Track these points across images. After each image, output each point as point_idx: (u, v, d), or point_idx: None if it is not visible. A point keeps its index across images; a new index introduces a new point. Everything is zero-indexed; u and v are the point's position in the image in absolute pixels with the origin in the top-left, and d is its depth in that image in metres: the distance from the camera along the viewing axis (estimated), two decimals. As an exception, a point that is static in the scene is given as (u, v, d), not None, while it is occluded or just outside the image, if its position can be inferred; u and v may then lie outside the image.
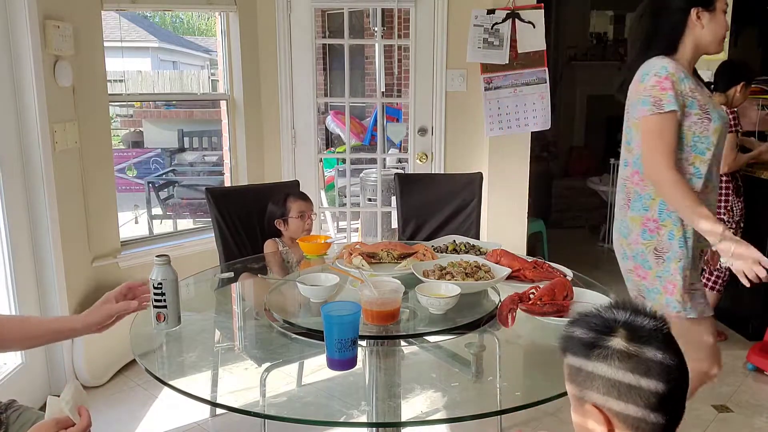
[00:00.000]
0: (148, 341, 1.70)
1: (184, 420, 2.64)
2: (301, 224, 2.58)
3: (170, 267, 1.56)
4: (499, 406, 1.42)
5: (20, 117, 2.56)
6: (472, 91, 3.63)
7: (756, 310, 3.38)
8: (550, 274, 1.92)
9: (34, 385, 2.70)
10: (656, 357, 0.93)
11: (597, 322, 0.99)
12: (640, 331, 0.96)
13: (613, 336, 0.96)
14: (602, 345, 0.96)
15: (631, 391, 0.93)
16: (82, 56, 2.97)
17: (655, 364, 0.93)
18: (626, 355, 0.94)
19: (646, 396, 0.93)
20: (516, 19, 3.45)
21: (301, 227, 2.58)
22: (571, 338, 1.01)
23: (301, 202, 2.63)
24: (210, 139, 8.23)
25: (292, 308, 1.92)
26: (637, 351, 0.94)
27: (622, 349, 0.94)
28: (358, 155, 5.85)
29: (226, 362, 1.63)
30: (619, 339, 0.95)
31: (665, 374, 0.93)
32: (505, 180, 3.66)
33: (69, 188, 2.89)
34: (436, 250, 2.19)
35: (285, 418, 1.34)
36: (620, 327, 0.97)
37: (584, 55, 7.07)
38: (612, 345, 0.95)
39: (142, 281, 1.63)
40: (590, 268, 4.68)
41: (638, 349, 0.94)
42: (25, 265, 2.64)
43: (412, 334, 1.67)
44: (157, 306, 1.56)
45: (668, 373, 0.93)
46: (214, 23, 3.91)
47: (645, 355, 0.93)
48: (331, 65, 8.12)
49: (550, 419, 2.63)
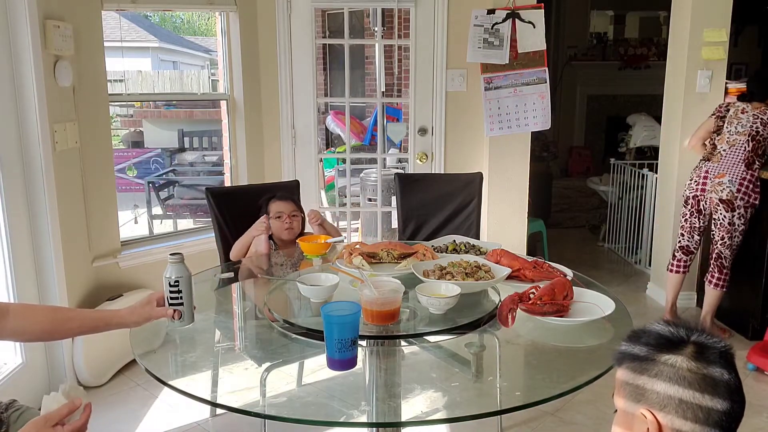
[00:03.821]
0: (148, 341, 1.70)
1: (184, 420, 2.64)
2: (280, 225, 2.55)
3: (184, 264, 1.55)
4: (499, 406, 1.42)
5: (20, 117, 2.56)
6: (472, 91, 3.63)
7: (756, 310, 3.38)
8: (550, 274, 1.91)
9: (34, 384, 2.70)
10: (723, 376, 0.95)
11: (664, 338, 1.00)
12: (709, 350, 0.96)
13: (679, 353, 0.97)
14: (666, 361, 0.97)
15: (693, 406, 0.94)
16: (82, 56, 2.97)
17: (722, 383, 0.95)
18: (694, 372, 0.95)
19: (707, 411, 0.94)
20: (516, 19, 3.45)
21: (280, 228, 2.55)
22: (630, 352, 1.01)
23: (279, 203, 2.59)
24: (210, 139, 8.23)
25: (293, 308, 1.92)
26: (706, 368, 0.95)
27: (690, 366, 0.95)
28: (358, 155, 5.85)
29: (226, 362, 1.63)
30: (685, 357, 0.96)
31: (728, 393, 0.95)
32: (505, 180, 3.66)
33: (69, 188, 2.89)
34: (436, 250, 2.19)
35: (285, 418, 1.34)
36: (689, 344, 0.98)
37: (584, 55, 7.07)
38: (678, 362, 0.96)
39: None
40: (590, 268, 4.68)
41: (706, 367, 0.95)
42: (26, 265, 2.64)
43: (412, 334, 1.68)
44: (173, 303, 1.55)
45: (731, 392, 0.95)
46: (214, 23, 3.91)
47: (712, 374, 0.95)
48: (331, 65, 8.12)
49: (550, 419, 2.63)
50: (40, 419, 1.21)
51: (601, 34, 7.21)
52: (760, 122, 3.27)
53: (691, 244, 3.50)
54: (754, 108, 3.31)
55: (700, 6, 3.61)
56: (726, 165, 3.31)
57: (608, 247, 5.41)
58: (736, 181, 3.26)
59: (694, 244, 3.49)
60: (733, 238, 3.31)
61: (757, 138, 3.26)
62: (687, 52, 3.65)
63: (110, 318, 1.58)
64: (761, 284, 3.32)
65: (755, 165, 3.26)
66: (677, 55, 3.78)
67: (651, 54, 6.94)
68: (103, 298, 3.09)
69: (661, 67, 4.09)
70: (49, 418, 1.20)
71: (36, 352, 2.70)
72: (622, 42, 7.09)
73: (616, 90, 7.06)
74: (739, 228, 3.29)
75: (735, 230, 3.30)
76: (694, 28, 3.63)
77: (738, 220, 3.28)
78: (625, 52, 6.98)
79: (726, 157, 3.32)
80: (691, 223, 3.46)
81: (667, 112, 3.96)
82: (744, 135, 3.28)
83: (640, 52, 6.97)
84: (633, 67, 6.97)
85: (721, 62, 3.67)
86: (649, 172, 4.65)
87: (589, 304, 1.74)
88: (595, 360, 1.58)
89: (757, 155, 3.27)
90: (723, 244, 3.33)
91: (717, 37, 3.64)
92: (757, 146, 3.26)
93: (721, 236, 3.33)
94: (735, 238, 3.31)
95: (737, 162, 3.28)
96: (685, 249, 3.52)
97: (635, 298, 4.07)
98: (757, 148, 3.26)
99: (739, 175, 3.26)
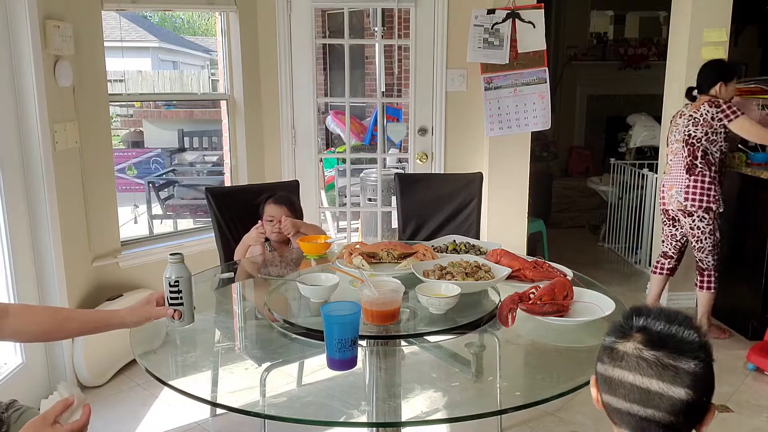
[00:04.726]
0: (148, 341, 1.70)
1: (184, 420, 2.64)
2: (270, 229, 2.52)
3: (184, 265, 1.55)
4: (499, 406, 1.42)
5: (20, 117, 2.56)
6: (472, 91, 3.63)
7: (756, 310, 3.38)
8: (550, 274, 1.91)
9: (34, 384, 2.70)
10: (662, 361, 0.95)
11: (616, 328, 1.02)
12: (655, 335, 0.97)
13: (628, 340, 0.98)
14: (617, 348, 0.99)
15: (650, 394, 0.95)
16: (82, 56, 2.97)
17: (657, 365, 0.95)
18: (634, 357, 0.97)
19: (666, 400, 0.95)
20: (516, 19, 3.45)
21: (271, 232, 2.52)
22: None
23: (272, 206, 2.57)
24: (210, 139, 8.23)
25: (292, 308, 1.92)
26: (643, 354, 0.96)
27: (631, 352, 0.97)
28: (358, 155, 5.85)
29: (226, 362, 1.63)
30: (633, 342, 0.98)
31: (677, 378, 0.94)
32: (505, 180, 3.66)
33: (69, 188, 2.89)
34: (436, 250, 2.19)
35: (285, 418, 1.34)
36: (636, 332, 0.99)
37: (584, 55, 7.07)
38: (625, 349, 0.98)
39: None
40: (590, 268, 4.68)
41: (645, 353, 0.96)
42: (26, 265, 2.64)
43: (412, 334, 1.68)
44: (173, 303, 1.55)
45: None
46: (214, 23, 3.91)
47: (649, 359, 0.95)
48: (331, 65, 8.11)
49: (550, 419, 2.63)
50: (38, 419, 1.22)
51: (601, 34, 7.21)
52: (692, 123, 3.27)
53: (669, 250, 3.53)
54: (692, 108, 3.32)
55: (700, 6, 3.61)
56: (672, 176, 3.37)
57: (608, 247, 5.41)
58: (681, 191, 3.31)
59: (673, 250, 3.52)
60: (703, 241, 3.33)
61: (690, 142, 3.27)
62: (687, 52, 3.65)
63: (110, 318, 1.58)
64: (761, 284, 3.32)
65: (697, 169, 3.25)
66: (677, 55, 3.78)
67: (651, 54, 6.94)
68: (103, 298, 3.09)
69: (661, 67, 4.09)
70: (47, 417, 1.21)
71: (36, 352, 2.70)
72: (622, 42, 7.09)
73: (616, 90, 7.06)
74: (705, 230, 3.30)
75: (702, 233, 3.31)
76: (694, 28, 3.63)
77: (701, 223, 3.29)
78: (625, 52, 6.98)
79: (672, 168, 3.38)
80: (668, 231, 3.52)
81: (667, 112, 3.96)
82: (680, 142, 3.33)
83: (640, 52, 6.96)
84: (633, 67, 6.97)
85: (721, 62, 3.67)
86: (649, 172, 4.65)
87: (589, 304, 1.74)
88: (595, 360, 1.58)
89: (695, 158, 3.26)
90: (695, 248, 3.38)
91: (717, 37, 3.64)
92: (692, 150, 3.26)
93: (692, 242, 3.38)
94: (706, 241, 3.33)
95: (679, 171, 3.33)
96: (664, 253, 3.57)
97: (635, 298, 4.07)
98: (694, 151, 3.26)
99: (682, 185, 3.31)
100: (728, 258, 3.53)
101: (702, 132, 3.24)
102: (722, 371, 3.10)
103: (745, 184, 3.48)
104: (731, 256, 3.56)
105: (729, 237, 3.54)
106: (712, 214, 3.28)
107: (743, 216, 3.50)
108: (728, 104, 3.20)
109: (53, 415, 1.22)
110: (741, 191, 3.52)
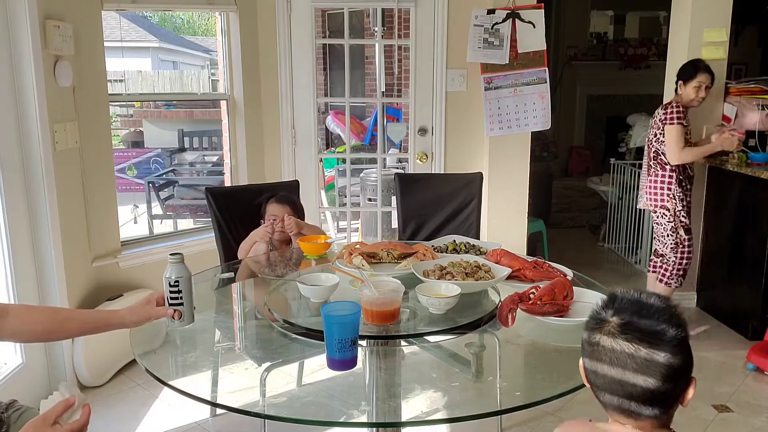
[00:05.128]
0: (148, 341, 1.70)
1: (184, 420, 2.64)
2: (273, 227, 2.53)
3: (184, 265, 1.55)
4: (499, 406, 1.42)
5: (20, 117, 2.56)
6: (472, 91, 3.63)
7: (756, 310, 3.38)
8: (550, 274, 1.92)
9: (34, 384, 2.70)
10: (617, 347, 1.03)
11: (590, 319, 1.11)
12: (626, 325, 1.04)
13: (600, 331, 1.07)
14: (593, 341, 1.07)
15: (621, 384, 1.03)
16: (82, 56, 2.97)
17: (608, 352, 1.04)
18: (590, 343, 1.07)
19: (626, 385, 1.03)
20: (516, 19, 3.45)
21: (274, 230, 2.54)
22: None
23: (275, 206, 2.58)
24: (210, 139, 8.23)
25: (292, 308, 1.92)
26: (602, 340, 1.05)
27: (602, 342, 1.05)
28: (358, 155, 5.85)
29: (226, 362, 1.63)
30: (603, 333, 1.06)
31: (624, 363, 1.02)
32: (505, 180, 3.67)
33: (69, 188, 2.89)
34: (436, 250, 2.19)
35: (285, 418, 1.34)
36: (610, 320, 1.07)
37: (584, 55, 7.07)
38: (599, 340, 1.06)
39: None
40: (590, 268, 4.67)
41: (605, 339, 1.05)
42: (26, 265, 2.64)
43: (412, 334, 1.67)
44: (173, 303, 1.55)
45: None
46: (214, 23, 3.91)
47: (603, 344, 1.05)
48: (331, 65, 8.11)
49: (550, 419, 2.63)
50: (38, 419, 1.22)
51: (601, 34, 7.21)
52: (654, 123, 3.36)
53: (659, 248, 3.56)
54: (662, 108, 3.37)
55: (700, 6, 3.61)
56: (643, 177, 3.52)
57: (608, 247, 5.41)
58: (643, 191, 3.45)
59: (662, 247, 3.53)
60: (665, 237, 3.42)
61: (650, 143, 3.39)
62: (687, 52, 3.65)
63: (110, 318, 1.58)
64: (761, 284, 3.32)
65: (651, 169, 3.38)
66: (677, 55, 3.77)
67: (651, 54, 6.94)
68: (103, 298, 3.09)
69: (661, 67, 4.09)
70: (47, 417, 1.22)
71: (36, 352, 2.70)
72: (622, 42, 7.09)
73: (616, 90, 7.06)
74: (667, 227, 3.38)
75: (664, 230, 3.42)
76: (694, 28, 3.63)
77: (661, 220, 3.40)
78: (625, 52, 6.98)
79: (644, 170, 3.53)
80: (654, 229, 3.58)
81: (667, 112, 3.96)
82: (648, 144, 3.46)
83: (640, 52, 6.97)
84: (633, 67, 6.97)
85: (721, 62, 3.67)
86: (649, 172, 4.64)
87: (589, 304, 1.73)
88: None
89: (650, 159, 3.39)
90: (658, 242, 3.50)
91: (717, 37, 3.64)
92: (648, 151, 3.40)
93: (655, 237, 3.52)
94: (667, 238, 3.40)
95: (644, 172, 3.49)
96: (656, 251, 3.60)
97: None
98: (649, 152, 3.39)
99: (644, 185, 3.46)
100: (728, 258, 3.53)
101: (652, 133, 3.37)
102: (722, 371, 3.11)
103: (744, 184, 3.48)
104: (731, 256, 3.56)
105: (729, 237, 3.54)
106: (670, 212, 3.35)
107: (743, 216, 3.50)
108: (676, 107, 3.27)
109: (53, 415, 1.22)
110: (741, 191, 3.52)
